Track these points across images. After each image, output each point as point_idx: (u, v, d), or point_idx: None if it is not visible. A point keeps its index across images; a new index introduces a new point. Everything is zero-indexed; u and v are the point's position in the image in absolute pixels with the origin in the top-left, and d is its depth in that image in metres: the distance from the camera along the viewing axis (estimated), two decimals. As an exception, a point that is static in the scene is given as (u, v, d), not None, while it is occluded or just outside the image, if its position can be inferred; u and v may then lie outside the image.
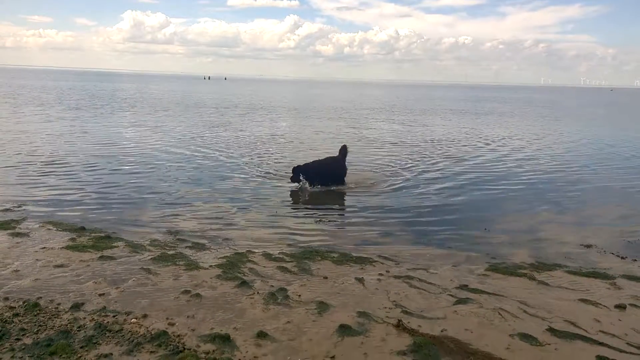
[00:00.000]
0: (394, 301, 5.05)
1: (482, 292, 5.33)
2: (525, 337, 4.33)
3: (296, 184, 10.32)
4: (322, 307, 4.86)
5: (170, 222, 7.70)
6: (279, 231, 7.45)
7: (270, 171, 12.12)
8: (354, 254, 6.47)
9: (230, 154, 14.64)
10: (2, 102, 31.92)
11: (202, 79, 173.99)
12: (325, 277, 5.65)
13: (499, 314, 4.78)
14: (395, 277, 5.72)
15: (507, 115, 37.83)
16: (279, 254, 6.40)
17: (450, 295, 5.23)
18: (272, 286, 5.33)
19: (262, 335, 4.25)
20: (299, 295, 5.12)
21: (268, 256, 6.28)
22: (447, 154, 16.01)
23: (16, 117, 23.30)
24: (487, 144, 18.98)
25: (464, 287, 5.47)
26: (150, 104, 36.99)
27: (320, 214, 8.49)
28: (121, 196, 9.26)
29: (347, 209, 8.89)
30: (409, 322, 4.54)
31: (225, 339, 4.14)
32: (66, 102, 35.13)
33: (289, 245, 6.82)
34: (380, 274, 5.79)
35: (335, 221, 8.05)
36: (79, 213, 8.06)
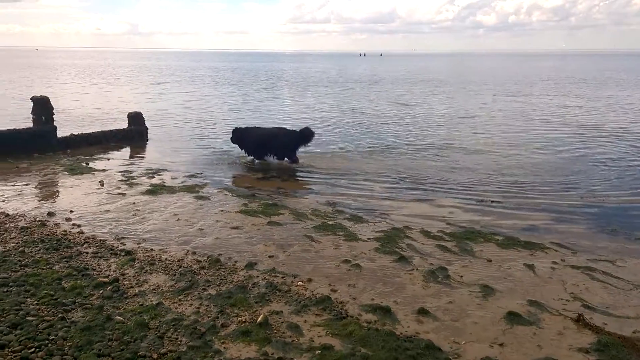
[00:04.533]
0: (572, 293, 4.54)
1: (686, 294, 4.50)
2: None
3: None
4: (487, 290, 4.59)
5: (329, 194, 7.96)
6: (437, 209, 7.21)
7: (430, 148, 11.85)
8: (522, 238, 5.96)
9: (399, 131, 14.60)
10: (209, 82, 36.29)
11: (357, 56, 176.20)
12: (489, 260, 5.31)
13: None
14: (573, 267, 5.13)
15: None
16: (437, 232, 6.20)
17: (644, 293, 4.52)
18: (432, 264, 5.18)
19: (423, 312, 4.17)
20: (461, 276, 4.90)
21: (426, 233, 6.12)
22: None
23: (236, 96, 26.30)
24: None
25: (661, 286, 4.68)
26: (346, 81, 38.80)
27: (483, 194, 7.99)
28: (284, 167, 9.85)
29: (513, 190, 8.22)
30: (591, 318, 4.03)
31: (387, 311, 4.15)
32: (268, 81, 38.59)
33: (448, 224, 6.56)
34: (554, 262, 5.24)
35: (500, 202, 7.49)
36: (248, 182, 8.80)
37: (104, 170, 9.19)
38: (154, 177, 8.85)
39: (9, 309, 3.91)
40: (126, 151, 11.51)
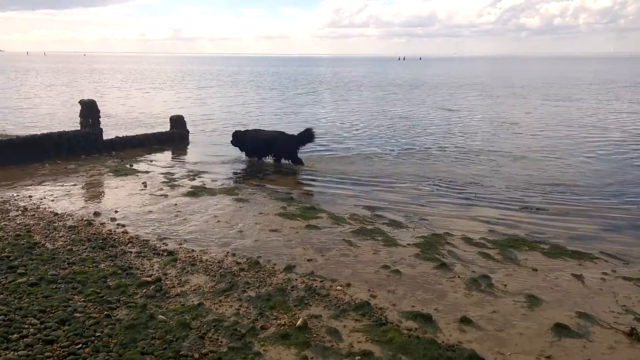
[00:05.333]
0: (624, 306, 4.32)
1: None
2: None
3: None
4: (533, 301, 4.43)
5: (368, 198, 7.90)
6: (479, 215, 7.03)
7: (471, 153, 11.61)
8: (569, 247, 5.73)
9: (441, 135, 14.42)
10: (253, 87, 36.95)
11: (396, 60, 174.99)
12: (535, 269, 5.13)
13: None
14: (625, 278, 4.89)
15: None
16: (479, 239, 6.04)
17: None
18: (474, 272, 5.05)
19: (465, 320, 4.05)
20: (505, 285, 4.75)
21: (468, 240, 5.97)
22: None
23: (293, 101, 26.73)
24: None
25: None
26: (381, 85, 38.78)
27: (526, 200, 7.74)
28: (323, 171, 9.84)
29: (559, 198, 7.93)
30: (646, 333, 3.82)
31: (427, 319, 4.06)
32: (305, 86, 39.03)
33: (491, 231, 6.38)
34: (605, 273, 5.01)
35: (545, 209, 7.24)
36: (287, 184, 8.84)
37: (147, 172, 9.44)
38: (194, 179, 9.03)
39: (58, 305, 4.05)
40: (168, 153, 11.79)
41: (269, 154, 10.71)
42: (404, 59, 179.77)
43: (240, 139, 10.91)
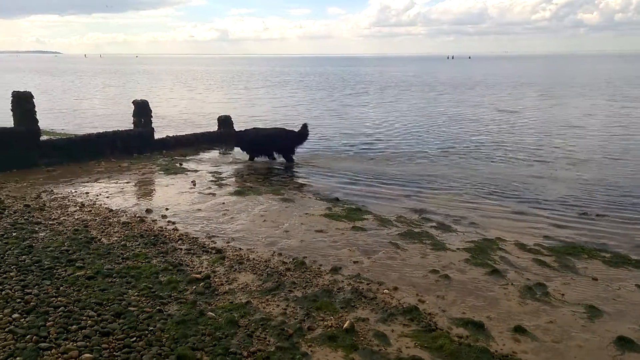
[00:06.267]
0: (696, 321, 4.02)
1: None
2: None
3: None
4: (593, 312, 4.20)
5: (414, 201, 7.75)
6: (534, 221, 6.76)
7: (528, 156, 11.23)
8: (633, 256, 5.41)
9: (498, 138, 14.02)
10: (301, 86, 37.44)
11: (444, 59, 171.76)
12: (595, 279, 4.87)
13: None
14: (696, 291, 4.56)
15: None
16: (534, 245, 5.80)
17: None
18: (528, 279, 4.85)
19: (520, 330, 3.89)
20: (562, 294, 4.53)
21: (521, 246, 5.74)
22: None
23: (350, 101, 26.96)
24: None
25: None
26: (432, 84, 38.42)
27: (586, 206, 7.37)
28: (369, 172, 9.76)
29: (621, 204, 7.49)
30: None
31: (479, 327, 3.93)
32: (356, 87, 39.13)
33: (546, 237, 6.11)
34: (672, 285, 4.69)
35: (606, 216, 6.87)
36: (332, 185, 8.81)
37: (195, 171, 9.66)
38: (241, 178, 9.16)
39: (113, 298, 4.18)
40: (216, 153, 12.03)
41: (268, 152, 10.95)
42: (452, 58, 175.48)
43: (239, 137, 11.23)
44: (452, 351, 3.58)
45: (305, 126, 10.80)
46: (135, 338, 3.58)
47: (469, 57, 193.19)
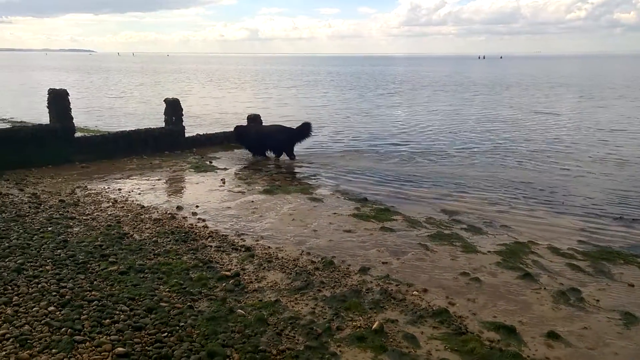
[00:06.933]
0: None
1: None
2: None
3: None
4: (630, 319, 4.08)
5: (444, 202, 7.66)
6: (567, 224, 6.60)
7: (564, 159, 11.00)
8: (673, 263, 5.22)
9: (534, 139, 13.77)
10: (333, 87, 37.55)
11: (475, 58, 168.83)
12: (632, 285, 4.73)
13: None
14: None
15: None
16: (567, 249, 5.65)
17: None
18: (562, 284, 4.73)
19: (553, 335, 3.81)
20: (597, 300, 4.41)
21: (555, 250, 5.61)
22: None
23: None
24: None
25: None
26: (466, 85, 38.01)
27: (622, 211, 7.14)
28: (398, 173, 9.69)
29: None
30: None
31: (511, 331, 3.86)
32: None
33: (581, 241, 5.96)
34: None
35: (640, 220, 6.66)
36: (361, 185, 8.78)
37: (225, 169, 9.77)
38: (270, 177, 9.22)
39: (145, 294, 4.28)
40: (245, 151, 12.12)
41: (269, 148, 11.17)
42: (484, 57, 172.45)
43: (241, 133, 11.41)
44: (482, 355, 3.52)
45: (305, 125, 10.97)
46: (166, 333, 3.66)
47: (501, 57, 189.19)
